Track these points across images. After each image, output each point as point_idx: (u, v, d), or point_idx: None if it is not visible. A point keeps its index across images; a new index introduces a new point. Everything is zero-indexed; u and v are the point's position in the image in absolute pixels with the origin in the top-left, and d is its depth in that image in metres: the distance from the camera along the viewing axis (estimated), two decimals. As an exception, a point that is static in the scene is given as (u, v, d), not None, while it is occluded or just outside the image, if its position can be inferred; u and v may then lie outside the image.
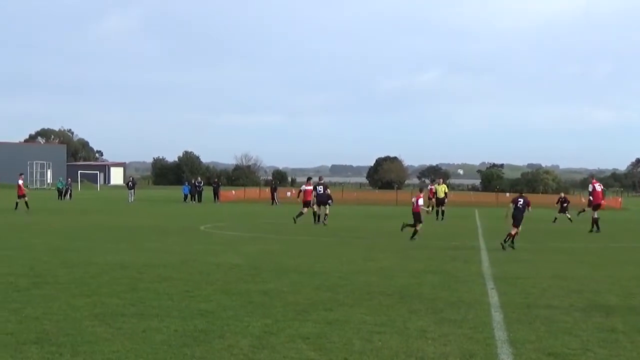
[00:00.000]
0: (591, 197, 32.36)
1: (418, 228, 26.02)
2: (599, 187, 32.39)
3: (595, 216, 31.46)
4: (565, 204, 42.67)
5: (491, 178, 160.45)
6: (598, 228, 30.85)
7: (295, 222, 33.30)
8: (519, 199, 23.44)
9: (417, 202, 26.45)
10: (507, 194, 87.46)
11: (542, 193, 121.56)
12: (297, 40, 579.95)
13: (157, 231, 28.42)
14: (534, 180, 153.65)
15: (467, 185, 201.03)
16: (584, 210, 37.43)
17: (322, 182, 36.88)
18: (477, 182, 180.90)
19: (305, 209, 35.05)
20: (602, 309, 11.52)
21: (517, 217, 22.96)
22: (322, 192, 35.02)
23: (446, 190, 40.91)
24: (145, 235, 26.38)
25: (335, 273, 15.60)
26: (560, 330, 9.88)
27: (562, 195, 45.58)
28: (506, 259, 19.31)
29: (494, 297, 12.54)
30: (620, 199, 76.41)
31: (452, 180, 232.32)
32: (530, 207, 23.29)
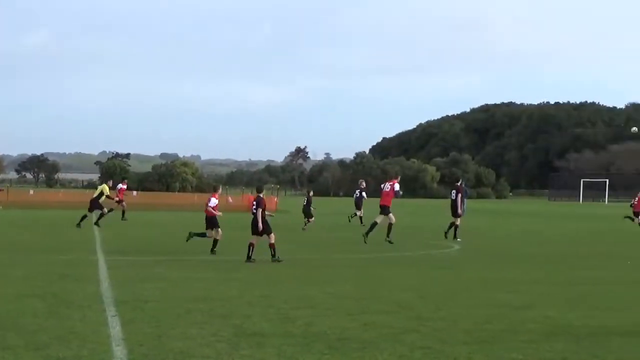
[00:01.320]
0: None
1: (209, 235, 25.93)
2: (388, 187, 31.18)
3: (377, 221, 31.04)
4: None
5: (113, 172, 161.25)
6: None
7: None
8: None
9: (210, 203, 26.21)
10: (135, 193, 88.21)
11: (179, 191, 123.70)
12: None
13: None
14: (168, 175, 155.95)
15: (83, 182, 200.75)
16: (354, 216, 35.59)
17: None
18: (96, 176, 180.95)
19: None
20: (253, 337, 12.00)
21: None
22: None
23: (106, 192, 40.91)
24: None
25: None
26: (201, 366, 10.16)
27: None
28: (133, 278, 19.48)
29: (115, 327, 12.59)
30: (275, 199, 78.95)
31: (62, 175, 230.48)
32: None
